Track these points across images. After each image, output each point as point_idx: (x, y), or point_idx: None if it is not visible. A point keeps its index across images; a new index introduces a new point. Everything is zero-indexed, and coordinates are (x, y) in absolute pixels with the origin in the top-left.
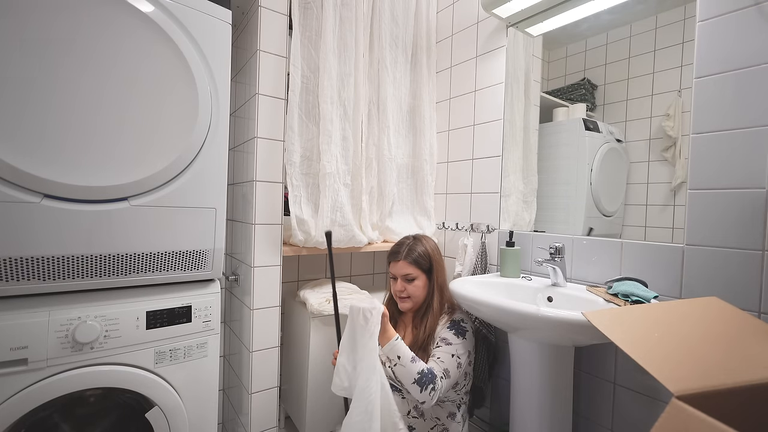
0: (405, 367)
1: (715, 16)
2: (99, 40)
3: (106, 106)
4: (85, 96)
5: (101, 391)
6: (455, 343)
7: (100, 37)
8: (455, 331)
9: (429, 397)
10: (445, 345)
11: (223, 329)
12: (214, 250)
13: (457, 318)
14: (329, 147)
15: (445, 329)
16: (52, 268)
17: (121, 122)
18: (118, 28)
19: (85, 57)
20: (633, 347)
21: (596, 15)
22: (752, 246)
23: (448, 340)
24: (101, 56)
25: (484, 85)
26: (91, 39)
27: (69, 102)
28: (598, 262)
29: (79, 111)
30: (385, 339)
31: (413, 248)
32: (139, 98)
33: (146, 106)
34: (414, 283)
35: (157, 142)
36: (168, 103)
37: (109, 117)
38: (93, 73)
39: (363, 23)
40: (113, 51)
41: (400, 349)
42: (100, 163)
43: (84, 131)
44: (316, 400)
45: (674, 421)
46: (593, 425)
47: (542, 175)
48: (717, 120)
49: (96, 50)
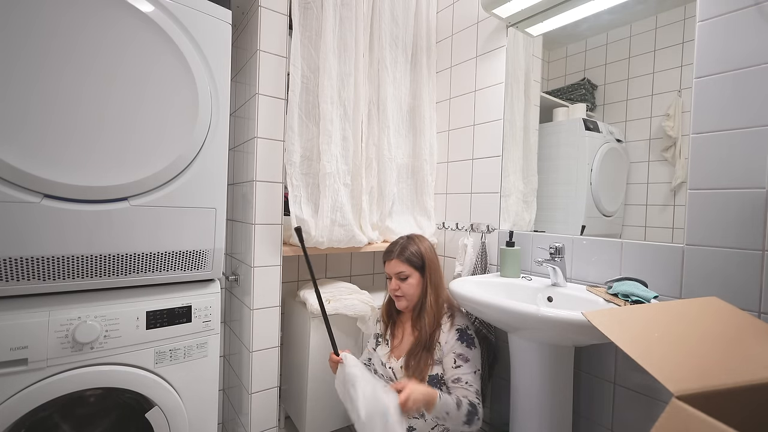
0: (453, 418)
1: (715, 16)
2: (98, 40)
3: (105, 106)
4: (84, 96)
5: (101, 391)
6: (472, 357)
7: (99, 37)
8: (467, 343)
9: (477, 426)
10: (465, 363)
11: (223, 329)
12: (214, 250)
13: (462, 326)
14: (329, 147)
15: (455, 341)
16: (52, 268)
17: (121, 122)
18: (118, 28)
19: (85, 57)
20: (633, 347)
21: (596, 15)
22: (752, 246)
23: (465, 356)
24: (101, 56)
25: (484, 85)
26: (91, 39)
27: (68, 102)
28: (598, 262)
29: (78, 111)
30: (430, 405)
31: (406, 247)
32: (138, 98)
33: (146, 106)
34: (407, 282)
35: (157, 142)
36: (168, 103)
37: (109, 117)
38: (92, 73)
39: (363, 23)
40: (113, 51)
41: (446, 404)
42: (100, 163)
43: (84, 131)
44: (316, 400)
45: (674, 421)
46: (593, 425)
47: (542, 175)
48: (717, 120)
49: (95, 50)
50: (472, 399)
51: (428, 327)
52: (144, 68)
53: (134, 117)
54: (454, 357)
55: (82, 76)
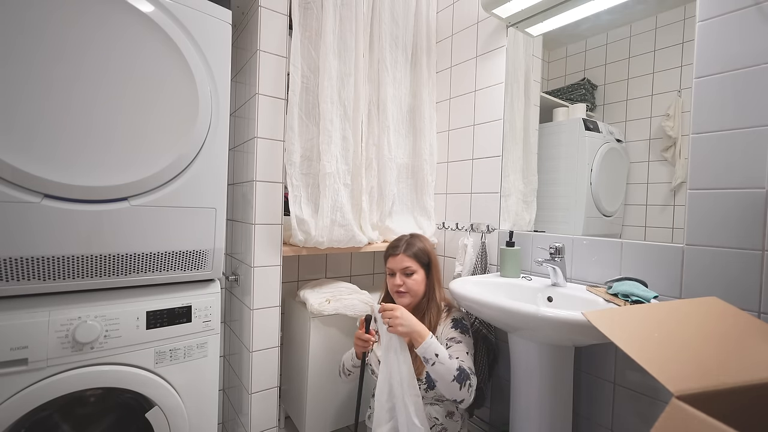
0: (444, 365)
1: (715, 16)
2: (98, 40)
3: (105, 106)
4: (84, 96)
5: (101, 391)
6: (464, 341)
7: (99, 36)
8: (461, 330)
9: (468, 394)
10: (456, 344)
11: (223, 329)
12: (214, 250)
13: (458, 316)
14: (329, 147)
15: (449, 328)
16: (52, 268)
17: (120, 122)
18: (118, 28)
19: (84, 56)
20: (633, 347)
21: (596, 15)
22: (752, 246)
23: (457, 339)
24: (100, 56)
25: (484, 85)
26: (91, 39)
27: (68, 102)
28: (598, 262)
29: (78, 111)
30: (419, 338)
31: (412, 243)
32: (138, 98)
33: (146, 106)
34: (413, 278)
35: (157, 142)
36: (168, 103)
37: (109, 117)
38: (92, 72)
39: (363, 23)
40: (113, 51)
41: (437, 347)
42: (100, 163)
43: (84, 131)
44: (316, 400)
45: (674, 421)
46: (593, 425)
47: (542, 175)
48: (717, 120)
49: (95, 50)
50: (463, 365)
51: (432, 324)
52: (144, 68)
53: (134, 117)
54: (446, 341)
55: (82, 76)
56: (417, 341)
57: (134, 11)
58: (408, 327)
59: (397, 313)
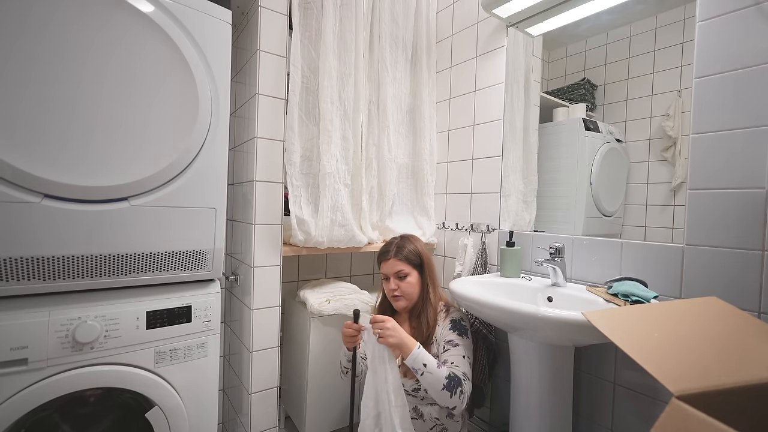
0: (432, 374)
1: (715, 16)
2: (99, 41)
3: (105, 106)
4: (84, 96)
5: (101, 391)
6: (462, 344)
7: (100, 37)
8: (458, 332)
9: (459, 401)
10: (453, 348)
11: (223, 329)
12: (214, 250)
13: (457, 317)
14: (329, 147)
15: (447, 330)
16: (52, 268)
17: (121, 122)
18: (118, 28)
19: (85, 57)
20: (633, 347)
21: (596, 15)
22: (752, 246)
23: (455, 342)
24: (101, 56)
25: (484, 85)
26: (91, 39)
27: (68, 102)
28: (598, 262)
29: (78, 111)
30: (407, 350)
31: (402, 245)
32: (138, 98)
33: (146, 106)
34: (406, 280)
35: (157, 142)
36: (168, 103)
37: (109, 117)
38: (93, 73)
39: (363, 23)
40: (113, 51)
41: (425, 357)
42: (100, 163)
43: (84, 131)
44: (316, 400)
45: (674, 421)
46: (593, 425)
47: (542, 175)
48: (717, 120)
49: (96, 50)
50: (456, 371)
51: (429, 326)
52: (144, 69)
53: (134, 117)
54: (444, 344)
55: (81, 76)
56: (405, 353)
57: (135, 12)
58: (398, 339)
59: (388, 325)
